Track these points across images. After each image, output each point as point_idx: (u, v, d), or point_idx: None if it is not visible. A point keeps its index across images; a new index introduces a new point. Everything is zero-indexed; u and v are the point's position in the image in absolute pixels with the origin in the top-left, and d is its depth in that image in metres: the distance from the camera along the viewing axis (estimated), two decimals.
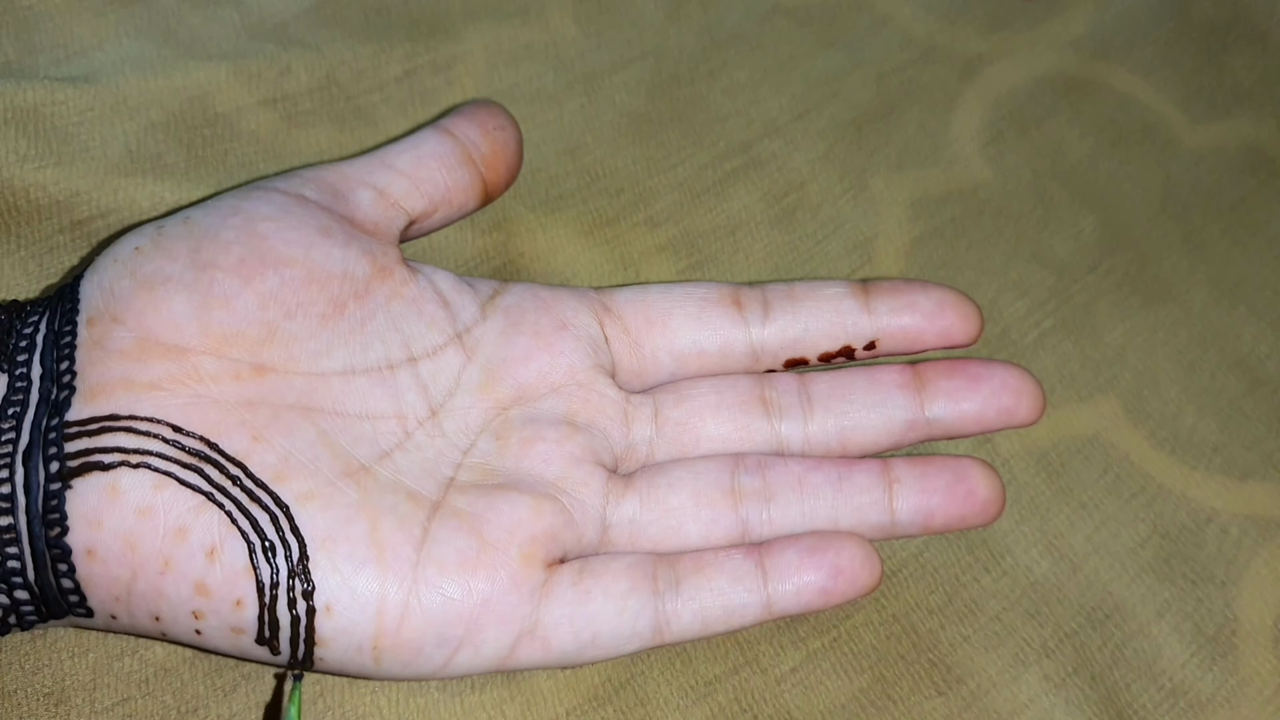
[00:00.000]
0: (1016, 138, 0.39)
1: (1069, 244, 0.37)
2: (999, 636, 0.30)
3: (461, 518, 0.25)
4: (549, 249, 0.34)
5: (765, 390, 0.29)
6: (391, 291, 0.27)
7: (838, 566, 0.26)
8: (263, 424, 0.24)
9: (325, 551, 0.24)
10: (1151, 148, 0.40)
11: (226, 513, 0.23)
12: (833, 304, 0.29)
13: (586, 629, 0.25)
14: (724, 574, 0.26)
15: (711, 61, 0.39)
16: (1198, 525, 0.33)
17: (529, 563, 0.25)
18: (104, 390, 0.24)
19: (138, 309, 0.25)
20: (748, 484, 0.27)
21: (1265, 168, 0.40)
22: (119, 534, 0.23)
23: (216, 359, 0.25)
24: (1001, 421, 0.28)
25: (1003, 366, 0.28)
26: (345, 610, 0.24)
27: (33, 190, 0.31)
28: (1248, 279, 0.37)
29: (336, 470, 0.25)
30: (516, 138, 0.31)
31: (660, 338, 0.29)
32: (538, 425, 0.27)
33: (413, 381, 0.27)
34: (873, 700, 0.29)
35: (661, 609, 0.26)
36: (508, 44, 0.37)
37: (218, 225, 0.26)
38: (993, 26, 0.41)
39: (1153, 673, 0.30)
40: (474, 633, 0.24)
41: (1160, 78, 0.41)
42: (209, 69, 0.34)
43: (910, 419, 0.28)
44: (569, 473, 0.26)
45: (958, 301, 0.29)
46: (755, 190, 0.36)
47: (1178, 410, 0.34)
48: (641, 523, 0.27)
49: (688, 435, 0.28)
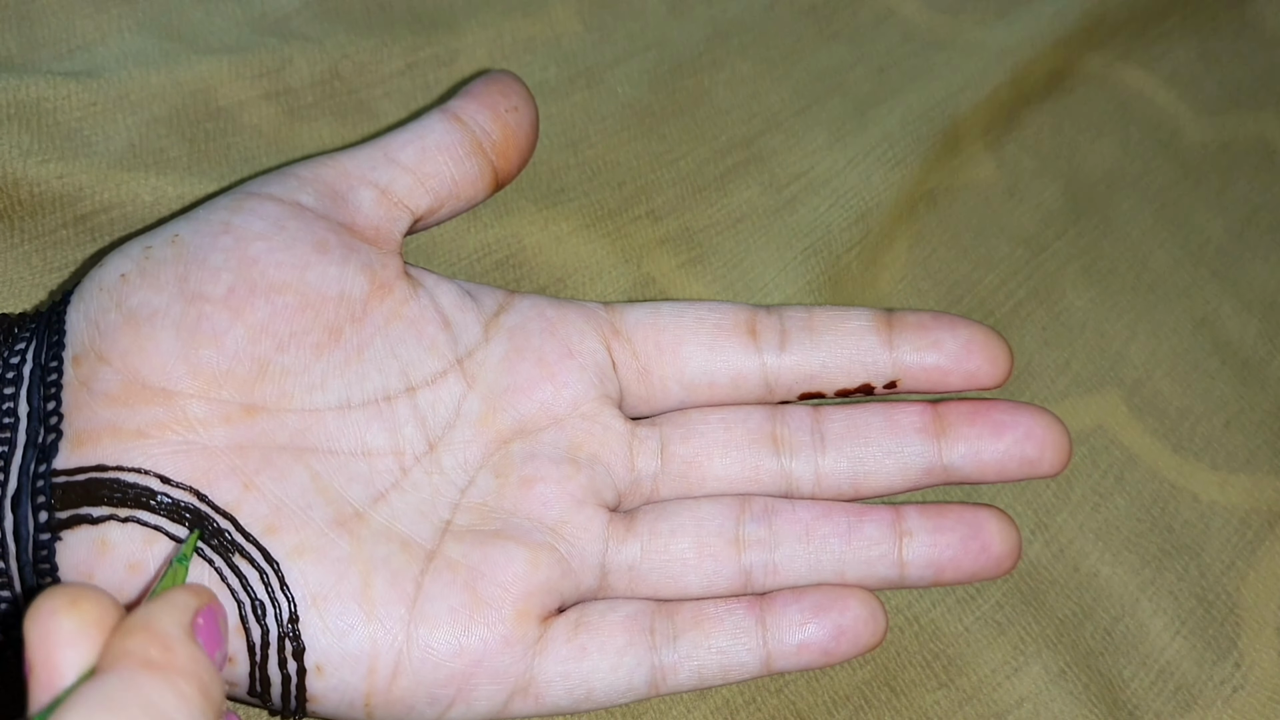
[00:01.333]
0: (1018, 131, 0.39)
1: (1079, 235, 0.37)
2: (1000, 627, 0.30)
3: (456, 570, 0.24)
4: (551, 242, 0.34)
5: (777, 426, 0.27)
6: (390, 312, 0.26)
7: (841, 627, 0.25)
8: (254, 470, 0.24)
9: (316, 610, 0.23)
10: (1154, 140, 0.40)
11: (216, 569, 0.23)
12: (854, 339, 0.27)
13: (580, 686, 0.25)
14: (724, 631, 0.25)
15: (714, 54, 0.39)
16: (1199, 516, 0.33)
17: (523, 620, 0.24)
18: (91, 438, 0.23)
19: (123, 348, 0.24)
20: (753, 533, 0.26)
21: (1268, 160, 0.40)
22: (111, 588, 0.23)
23: (205, 402, 0.24)
24: (1024, 472, 0.27)
25: (1029, 415, 0.27)
26: (336, 670, 0.23)
27: (36, 185, 0.31)
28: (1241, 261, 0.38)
29: (329, 519, 0.24)
30: (531, 117, 0.29)
31: (670, 366, 0.27)
32: (538, 463, 0.26)
33: (410, 414, 0.26)
34: (875, 692, 0.29)
35: (658, 664, 0.25)
36: (510, 37, 0.37)
37: (207, 247, 0.25)
38: (994, 19, 0.41)
39: (1154, 666, 0.30)
40: (466, 691, 0.24)
41: (1162, 70, 0.41)
42: (211, 63, 0.34)
43: (927, 465, 0.27)
44: (569, 516, 0.26)
45: (986, 342, 0.27)
46: (757, 185, 0.36)
47: (1178, 402, 0.35)
48: (642, 569, 0.26)
49: (694, 473, 0.27)
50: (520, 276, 0.33)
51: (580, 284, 0.34)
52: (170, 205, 0.32)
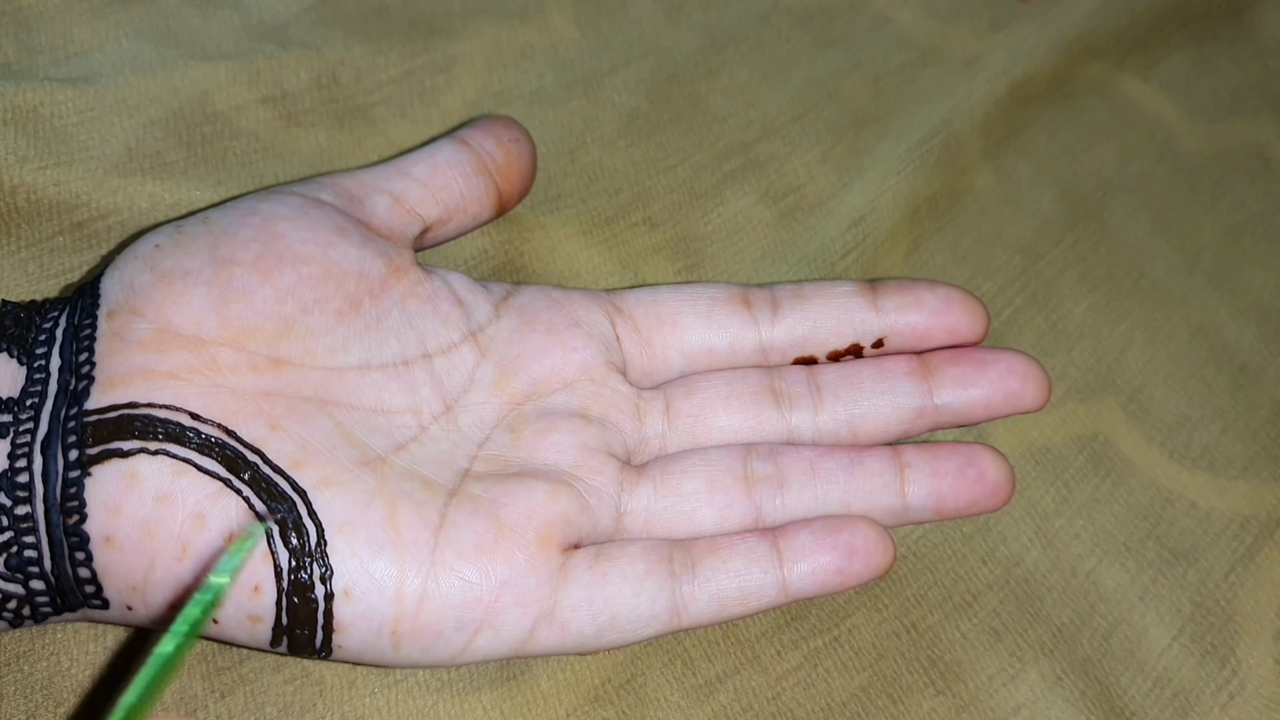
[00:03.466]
0: (1015, 139, 0.39)
1: (1076, 242, 0.37)
2: (997, 633, 0.30)
3: (478, 503, 0.25)
4: (548, 248, 0.34)
5: (775, 381, 0.29)
6: (406, 290, 0.27)
7: (852, 546, 0.26)
8: (280, 414, 0.25)
9: (343, 536, 0.24)
10: (1150, 148, 0.40)
11: (244, 498, 0.23)
12: (840, 302, 0.29)
13: (604, 611, 0.25)
14: (739, 556, 0.26)
15: (711, 61, 0.39)
16: (1196, 523, 0.33)
17: (546, 546, 0.25)
18: (123, 380, 0.24)
19: (157, 302, 0.25)
20: (760, 470, 0.27)
21: (1263, 168, 0.40)
22: (137, 521, 0.23)
23: (235, 350, 0.25)
24: (1009, 406, 0.28)
25: (1008, 353, 0.29)
26: (364, 595, 0.24)
27: (32, 191, 0.31)
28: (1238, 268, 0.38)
29: (353, 459, 0.25)
30: (530, 151, 0.31)
31: (670, 336, 0.29)
32: (551, 418, 0.27)
33: (427, 377, 0.27)
34: (873, 699, 0.29)
35: (678, 591, 0.26)
36: (507, 44, 0.37)
37: (236, 224, 0.26)
38: (991, 28, 0.41)
39: (1151, 672, 0.30)
40: (492, 616, 0.24)
41: (1158, 78, 0.41)
42: (208, 68, 0.34)
43: (919, 406, 0.28)
44: (583, 461, 0.27)
45: (963, 299, 0.29)
46: (753, 192, 0.36)
47: (1175, 409, 0.35)
48: (655, 510, 0.27)
49: (699, 426, 0.28)
50: (517, 282, 0.33)
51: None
52: (167, 211, 0.32)
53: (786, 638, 0.29)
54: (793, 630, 0.29)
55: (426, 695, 0.27)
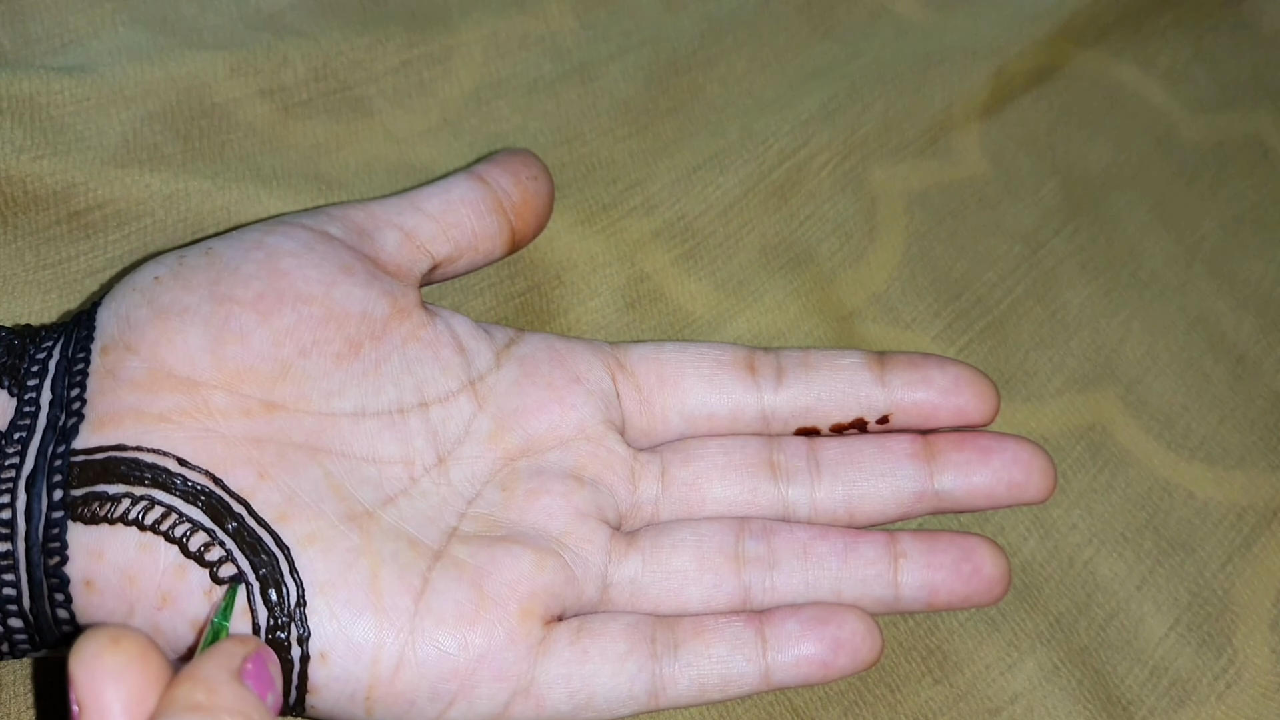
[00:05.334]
0: (1015, 129, 0.39)
1: (1075, 233, 0.37)
2: (994, 623, 0.30)
3: (462, 569, 0.25)
4: (547, 238, 0.34)
5: (774, 454, 0.28)
6: (408, 334, 0.27)
7: (839, 640, 0.26)
8: (269, 462, 0.24)
9: (324, 597, 0.23)
10: (1149, 138, 0.40)
11: (227, 551, 0.23)
12: (847, 374, 0.29)
13: (582, 690, 0.25)
14: (723, 641, 0.25)
15: (709, 50, 0.39)
16: (1193, 513, 0.33)
17: (528, 619, 0.25)
18: (113, 420, 0.24)
19: (152, 339, 0.24)
20: (752, 550, 0.27)
21: (1262, 159, 0.40)
22: (119, 567, 0.23)
23: (228, 394, 0.24)
24: (1011, 497, 0.28)
25: (1014, 441, 0.28)
26: (340, 659, 0.23)
27: (29, 181, 0.31)
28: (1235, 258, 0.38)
29: (340, 513, 0.24)
30: (549, 189, 0.30)
31: (672, 397, 0.28)
32: (544, 478, 0.27)
33: (422, 427, 0.26)
34: (870, 688, 0.29)
35: (658, 673, 0.25)
36: (505, 34, 0.37)
37: (239, 259, 0.26)
38: (989, 14, 0.41)
39: (1148, 662, 0.30)
40: (468, 688, 0.24)
41: (1157, 68, 0.41)
42: (205, 59, 0.34)
43: (919, 490, 0.28)
44: (573, 528, 0.26)
45: (973, 379, 0.28)
46: (749, 178, 0.36)
47: (1173, 400, 0.35)
48: (643, 583, 0.26)
49: (694, 496, 0.28)
50: (516, 273, 0.33)
51: (576, 280, 0.34)
52: (163, 202, 0.32)
53: None
54: None
55: None
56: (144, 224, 0.32)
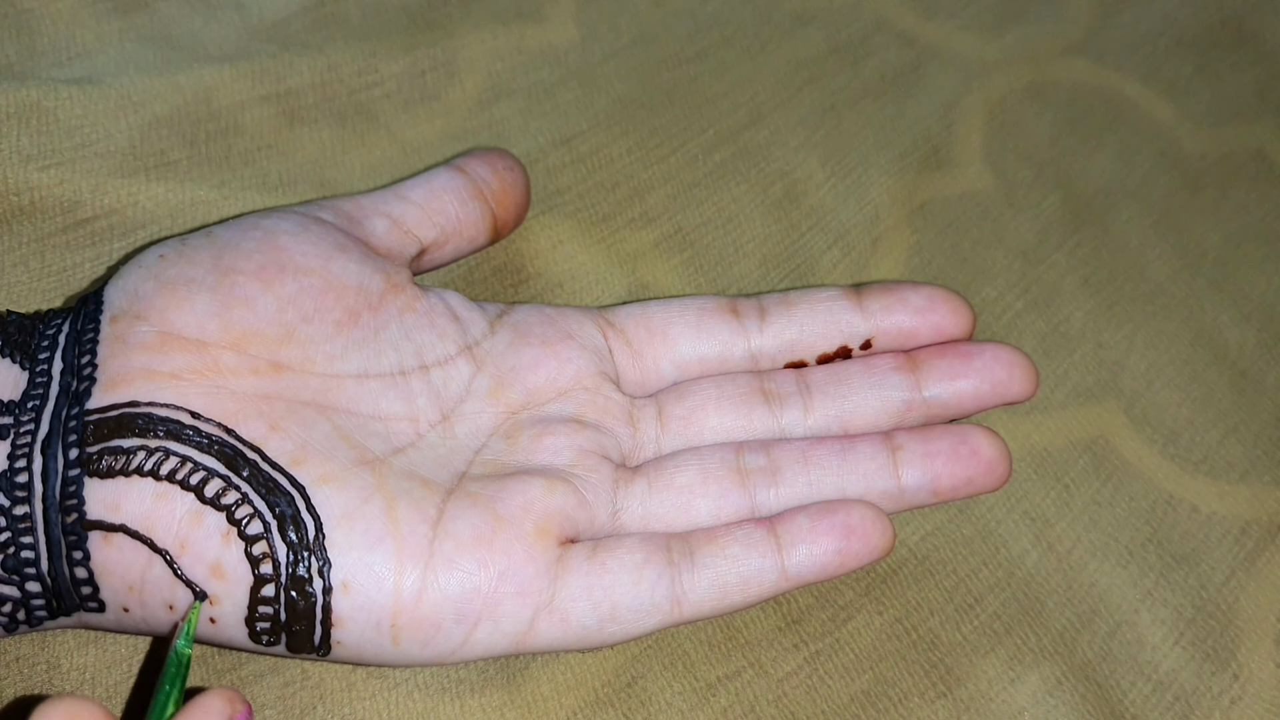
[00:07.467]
0: (1017, 141, 0.39)
1: (1078, 246, 0.37)
2: (998, 636, 0.30)
3: (475, 499, 0.25)
4: (548, 248, 0.34)
5: (765, 383, 0.29)
6: (404, 305, 0.28)
7: (849, 526, 0.26)
8: (279, 415, 0.25)
9: (342, 529, 0.24)
10: (1152, 152, 0.40)
11: (243, 494, 0.24)
12: (826, 306, 0.30)
13: (605, 601, 0.25)
14: (737, 542, 0.26)
15: (698, 44, 0.39)
16: (1197, 527, 0.33)
17: (543, 537, 0.25)
18: (124, 379, 0.24)
19: (160, 306, 0.25)
20: (753, 462, 0.28)
21: (1265, 172, 0.40)
22: (136, 517, 0.23)
23: (236, 353, 0.25)
24: (997, 396, 0.29)
25: (994, 344, 0.29)
26: (362, 587, 0.24)
27: (35, 190, 0.31)
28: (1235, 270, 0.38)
29: (351, 459, 0.25)
30: (524, 180, 0.32)
31: (661, 348, 0.30)
32: (547, 423, 0.28)
33: (424, 387, 0.27)
34: (874, 701, 0.29)
35: (678, 580, 0.26)
36: (505, 40, 0.38)
37: (239, 237, 0.27)
38: (989, 28, 0.41)
39: (1152, 676, 0.30)
40: (492, 607, 0.25)
41: (1159, 81, 0.41)
42: (211, 69, 0.34)
43: (908, 399, 0.29)
44: (579, 462, 0.27)
45: (947, 297, 0.30)
46: (745, 181, 0.36)
47: (1176, 413, 0.35)
48: (651, 506, 0.27)
49: (692, 428, 0.29)
50: (517, 283, 0.33)
51: (577, 290, 0.34)
52: (170, 210, 0.32)
53: (788, 640, 0.29)
54: (794, 633, 0.29)
55: (426, 698, 0.27)
56: (149, 233, 0.32)
